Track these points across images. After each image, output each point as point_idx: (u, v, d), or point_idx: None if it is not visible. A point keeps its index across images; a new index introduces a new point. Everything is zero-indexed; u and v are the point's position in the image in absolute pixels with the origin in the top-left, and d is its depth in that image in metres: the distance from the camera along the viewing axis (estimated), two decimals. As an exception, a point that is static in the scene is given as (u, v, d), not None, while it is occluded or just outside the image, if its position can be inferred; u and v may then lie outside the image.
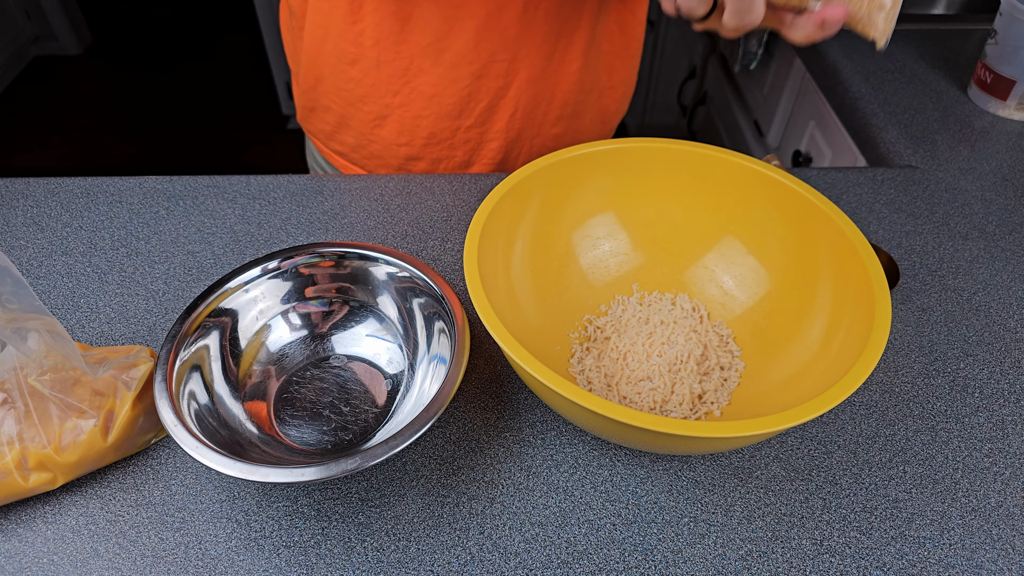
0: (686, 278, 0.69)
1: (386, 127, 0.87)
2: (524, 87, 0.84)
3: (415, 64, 0.81)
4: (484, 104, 0.84)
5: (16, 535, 0.53)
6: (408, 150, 0.89)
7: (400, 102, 0.84)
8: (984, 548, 0.53)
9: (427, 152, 0.89)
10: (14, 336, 0.51)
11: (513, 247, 0.62)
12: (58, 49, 3.39)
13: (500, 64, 0.81)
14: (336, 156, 0.96)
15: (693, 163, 0.65)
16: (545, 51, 0.81)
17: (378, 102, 0.85)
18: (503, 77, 0.82)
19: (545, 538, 0.53)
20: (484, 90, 0.83)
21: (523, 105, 0.85)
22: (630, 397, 0.60)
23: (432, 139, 0.87)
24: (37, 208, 0.80)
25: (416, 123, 0.86)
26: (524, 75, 0.83)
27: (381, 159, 0.91)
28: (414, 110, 0.85)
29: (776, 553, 0.53)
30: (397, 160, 0.91)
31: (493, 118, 0.86)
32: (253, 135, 2.93)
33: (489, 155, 0.90)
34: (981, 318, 0.71)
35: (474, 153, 0.90)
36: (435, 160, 0.90)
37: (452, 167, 0.91)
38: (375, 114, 0.86)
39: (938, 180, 0.89)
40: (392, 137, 0.88)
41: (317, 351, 0.63)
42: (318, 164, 1.02)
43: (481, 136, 0.88)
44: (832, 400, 0.45)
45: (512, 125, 0.87)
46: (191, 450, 0.48)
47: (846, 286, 0.56)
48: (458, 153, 0.89)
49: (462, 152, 0.89)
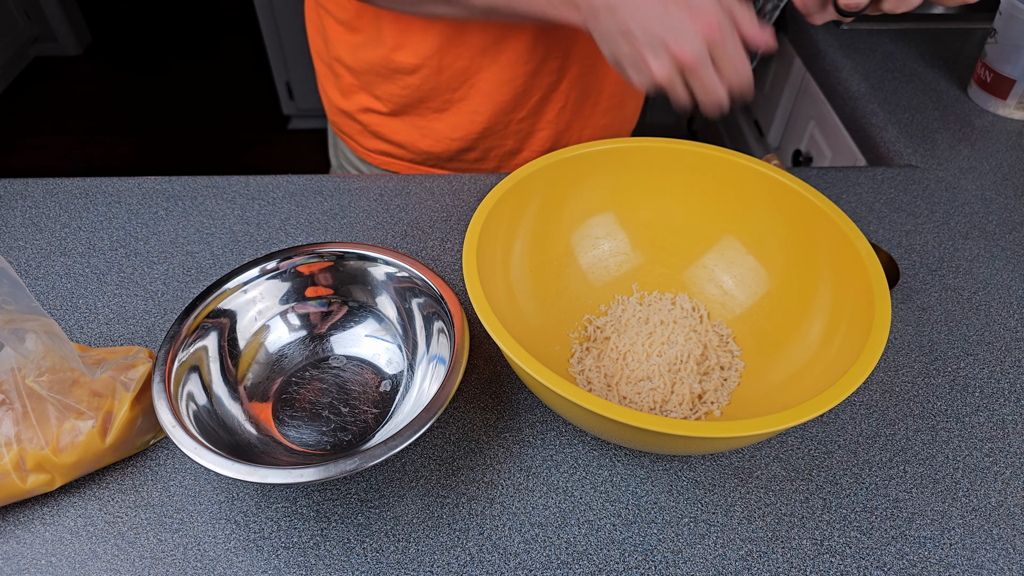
0: (686, 278, 0.68)
1: (443, 120, 0.89)
2: (575, 81, 0.86)
3: (474, 63, 0.83)
4: (537, 97, 0.87)
5: (14, 536, 0.53)
6: (462, 143, 0.91)
7: (460, 97, 0.86)
8: (984, 548, 0.53)
9: (480, 143, 0.91)
10: (12, 337, 0.51)
11: (512, 247, 0.62)
12: (58, 50, 3.39)
13: (554, 61, 0.83)
14: (376, 155, 0.97)
15: (693, 163, 0.65)
16: (595, 46, 0.82)
17: (438, 99, 0.87)
18: (556, 72, 0.85)
19: (545, 539, 0.53)
20: (537, 86, 0.85)
21: (573, 98, 0.88)
22: (630, 397, 0.60)
23: (487, 132, 0.90)
24: (35, 209, 0.80)
25: (472, 118, 0.88)
26: (575, 70, 0.85)
27: (431, 154, 0.93)
28: (471, 105, 0.87)
29: (776, 553, 0.53)
30: (449, 152, 0.92)
31: (544, 109, 0.88)
32: (253, 135, 2.93)
33: (538, 143, 0.92)
34: (981, 317, 0.70)
35: (524, 141, 0.92)
36: (487, 149, 0.92)
37: (503, 154, 0.93)
38: (434, 109, 0.88)
39: (938, 179, 0.89)
40: (447, 131, 0.90)
41: (316, 351, 0.63)
42: (350, 164, 1.03)
43: (532, 126, 0.90)
44: (832, 400, 0.45)
45: (562, 117, 0.89)
46: (190, 451, 0.48)
47: (846, 286, 0.55)
48: (509, 142, 0.92)
49: (513, 141, 0.91)
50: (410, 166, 0.96)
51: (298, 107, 2.88)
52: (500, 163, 0.94)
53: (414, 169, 0.96)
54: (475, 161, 0.94)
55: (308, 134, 2.94)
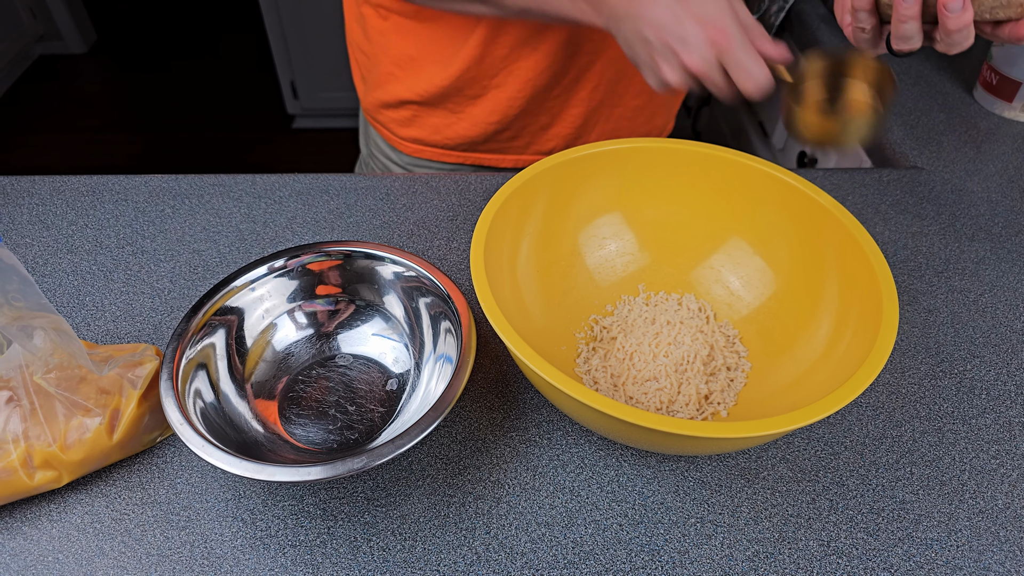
0: (692, 278, 0.68)
1: (479, 105, 0.90)
2: (610, 62, 0.87)
3: (514, 52, 0.84)
4: (571, 76, 0.88)
5: (21, 533, 0.53)
6: (498, 126, 0.92)
7: (497, 83, 0.87)
8: (992, 550, 0.53)
9: (516, 122, 0.92)
10: (20, 334, 0.51)
11: (519, 247, 0.62)
12: (63, 48, 3.39)
13: (590, 43, 0.84)
14: (409, 144, 0.98)
15: (700, 163, 0.65)
16: None
17: (476, 85, 0.88)
18: (591, 54, 0.86)
19: (551, 538, 0.53)
20: (573, 67, 0.87)
21: (608, 78, 0.89)
22: (636, 397, 0.60)
23: (522, 114, 0.91)
24: (43, 206, 0.80)
25: (510, 103, 0.89)
26: (610, 52, 0.86)
27: (465, 137, 0.94)
28: (509, 91, 0.88)
29: (783, 554, 0.52)
30: (485, 135, 0.94)
31: (577, 86, 0.89)
32: (257, 134, 2.93)
33: (570, 119, 0.93)
34: (988, 319, 0.70)
35: (556, 117, 0.93)
36: (520, 127, 0.93)
37: (535, 129, 0.94)
38: (471, 95, 0.89)
39: (944, 181, 0.89)
40: (483, 116, 0.91)
41: (323, 350, 0.63)
42: (381, 152, 1.04)
43: (564, 103, 0.91)
44: (839, 401, 0.45)
45: (595, 95, 0.90)
46: (197, 449, 0.48)
47: (853, 287, 0.55)
48: (542, 118, 0.93)
49: (546, 117, 0.92)
50: (443, 152, 0.97)
51: (302, 106, 2.89)
52: (532, 139, 0.95)
53: (447, 155, 0.97)
54: (509, 140, 0.95)
55: (312, 133, 2.94)
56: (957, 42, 0.58)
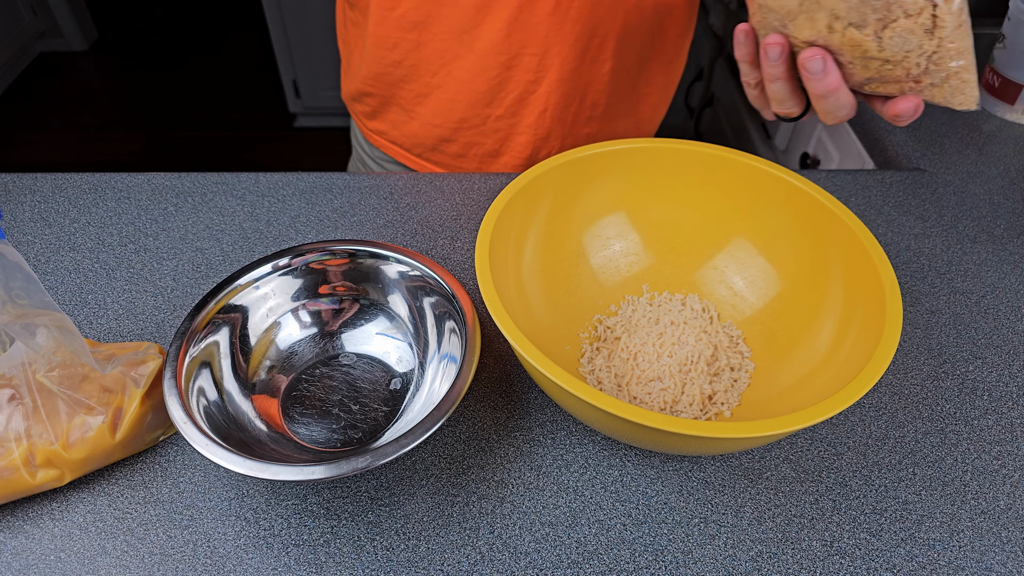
0: (696, 279, 0.68)
1: (426, 106, 0.90)
2: (555, 85, 0.85)
3: (451, 49, 0.83)
4: (514, 96, 0.86)
5: (23, 532, 0.53)
6: (442, 131, 0.91)
7: (438, 83, 0.87)
8: (994, 550, 0.53)
9: (459, 136, 0.91)
10: (23, 332, 0.51)
11: (524, 246, 0.62)
12: (64, 45, 3.39)
13: (531, 58, 0.83)
14: (376, 136, 0.99)
15: (705, 164, 0.65)
16: (577, 50, 0.82)
17: (419, 81, 0.88)
18: (533, 72, 0.84)
19: (555, 538, 0.53)
20: (514, 82, 0.85)
21: (553, 103, 0.87)
22: (640, 397, 0.60)
23: (464, 124, 0.89)
24: (45, 204, 0.80)
25: (450, 106, 0.88)
26: (555, 73, 0.84)
27: (417, 138, 0.94)
28: (449, 93, 0.87)
29: (786, 554, 0.53)
30: (432, 140, 0.93)
31: (523, 111, 0.88)
32: (258, 133, 2.93)
33: (518, 148, 0.92)
34: (990, 321, 0.70)
35: (504, 143, 0.92)
36: (467, 144, 0.92)
37: (483, 153, 0.93)
38: (416, 92, 0.89)
39: (946, 183, 0.89)
40: (429, 116, 0.91)
41: (327, 349, 0.63)
42: (359, 145, 1.06)
43: (511, 128, 0.90)
44: (843, 402, 0.45)
45: (542, 122, 0.89)
46: (201, 447, 0.48)
47: (857, 288, 0.55)
48: (488, 141, 0.91)
49: (492, 140, 0.91)
50: (403, 153, 0.97)
51: (304, 105, 2.89)
52: (481, 163, 0.94)
53: (407, 158, 0.97)
54: (456, 156, 0.94)
55: (314, 132, 2.94)
56: (829, 110, 0.54)
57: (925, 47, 0.47)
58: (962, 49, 0.47)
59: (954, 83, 0.49)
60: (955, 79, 0.49)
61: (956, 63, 0.48)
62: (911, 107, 0.51)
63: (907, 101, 0.51)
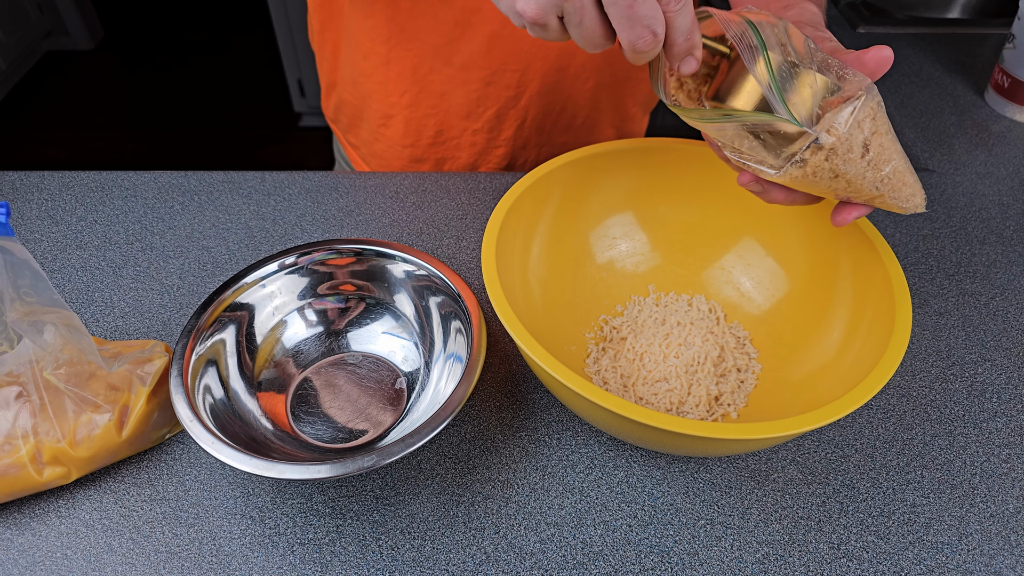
0: (703, 279, 0.68)
1: (392, 127, 0.87)
2: (535, 99, 0.83)
3: (425, 63, 0.80)
4: (493, 111, 0.84)
5: (30, 529, 0.53)
6: (413, 151, 0.89)
7: (408, 102, 0.84)
8: (1003, 554, 0.53)
9: (432, 153, 0.89)
10: (30, 329, 0.51)
11: (531, 245, 0.62)
12: (70, 44, 3.40)
13: (511, 74, 0.81)
14: (351, 148, 0.97)
15: (713, 163, 0.64)
16: (559, 67, 0.81)
17: (384, 101, 0.85)
18: (514, 87, 0.82)
19: (561, 539, 0.53)
20: (493, 97, 0.83)
21: (532, 116, 0.85)
22: (646, 398, 0.59)
23: (438, 138, 0.87)
24: (52, 202, 0.80)
25: (423, 122, 0.86)
26: (535, 87, 0.82)
27: (385, 159, 0.92)
28: (422, 109, 0.85)
29: (793, 557, 0.52)
30: (401, 161, 0.91)
31: (501, 126, 0.86)
32: (263, 132, 2.93)
33: (495, 160, 0.90)
34: (999, 323, 0.70)
35: (480, 157, 0.90)
36: (440, 160, 0.90)
37: (456, 168, 0.91)
38: (381, 113, 0.87)
39: (955, 184, 0.88)
40: (397, 138, 0.88)
41: (333, 348, 0.63)
42: (340, 155, 1.04)
43: (488, 142, 0.88)
44: (852, 404, 0.45)
45: (520, 134, 0.87)
46: (207, 446, 0.48)
47: (867, 289, 0.55)
48: (463, 155, 0.89)
49: (467, 155, 0.89)
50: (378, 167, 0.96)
51: (309, 104, 2.89)
52: None
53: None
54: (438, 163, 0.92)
55: (319, 131, 2.94)
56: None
57: (835, 186, 0.47)
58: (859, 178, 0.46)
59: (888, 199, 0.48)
60: (882, 199, 0.48)
61: (873, 190, 0.47)
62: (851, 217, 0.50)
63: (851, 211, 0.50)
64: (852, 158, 0.45)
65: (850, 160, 0.45)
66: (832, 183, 0.47)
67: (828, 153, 0.45)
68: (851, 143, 0.44)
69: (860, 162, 0.45)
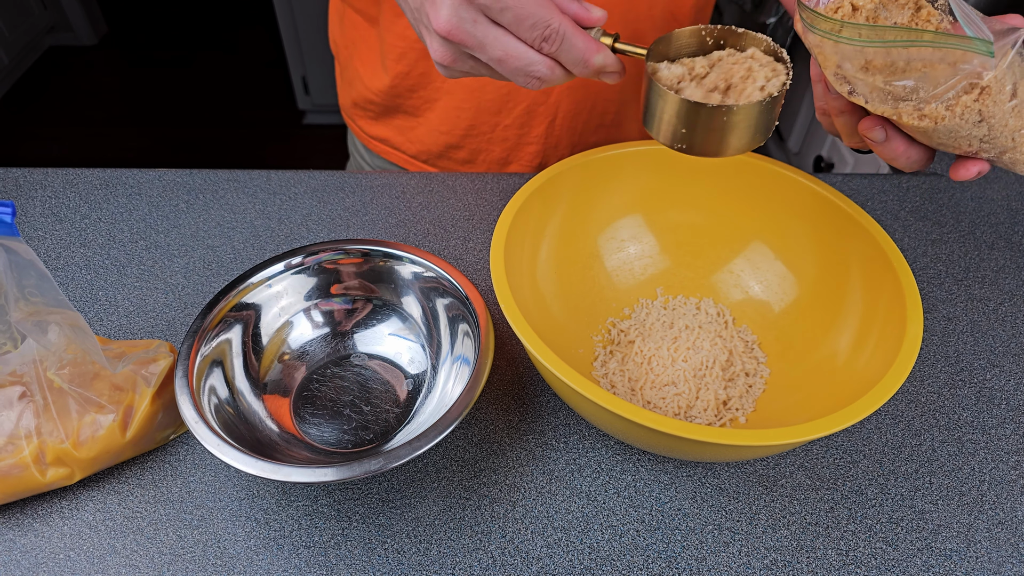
0: (712, 283, 0.68)
1: (434, 111, 0.88)
2: (564, 94, 0.84)
3: None
4: (523, 106, 0.85)
5: (32, 530, 0.52)
6: (449, 138, 0.90)
7: (448, 88, 0.85)
8: (1011, 561, 0.53)
9: (467, 143, 0.90)
10: (35, 329, 0.50)
11: (539, 248, 0.61)
12: (73, 39, 3.40)
13: None
14: (377, 143, 0.97)
15: (722, 166, 0.64)
16: None
17: (429, 87, 0.86)
18: None
19: (568, 543, 0.52)
20: (523, 92, 0.84)
21: (563, 113, 0.86)
22: (654, 402, 0.59)
23: (472, 131, 0.88)
24: (55, 199, 0.79)
25: (458, 114, 0.87)
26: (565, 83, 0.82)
27: (424, 144, 0.92)
28: (456, 100, 0.86)
29: (801, 563, 0.52)
30: (439, 147, 0.92)
31: (532, 122, 0.87)
32: (267, 130, 2.93)
33: (527, 157, 0.91)
34: (1007, 328, 0.70)
35: (512, 152, 0.90)
36: (474, 151, 0.91)
37: (491, 160, 0.92)
38: (425, 98, 0.87)
39: (964, 188, 0.88)
40: (436, 123, 0.89)
41: (339, 349, 0.62)
42: (358, 153, 1.04)
43: (519, 137, 0.88)
44: (862, 412, 0.44)
45: (551, 132, 0.88)
46: (212, 447, 0.47)
47: (878, 294, 0.55)
48: (496, 149, 0.90)
49: (500, 149, 0.90)
50: (406, 158, 0.96)
51: (313, 102, 2.88)
52: (489, 170, 0.93)
53: (409, 163, 0.96)
54: (463, 162, 0.93)
55: (323, 129, 2.94)
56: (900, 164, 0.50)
57: (975, 133, 0.45)
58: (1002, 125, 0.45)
59: (1012, 156, 0.47)
60: (1012, 152, 0.47)
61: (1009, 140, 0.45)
62: (974, 172, 0.48)
63: (973, 165, 0.48)
64: (1001, 99, 0.43)
65: (999, 102, 0.43)
66: (974, 129, 0.44)
67: (980, 93, 0.42)
68: (1003, 83, 0.42)
69: (1006, 106, 0.43)
